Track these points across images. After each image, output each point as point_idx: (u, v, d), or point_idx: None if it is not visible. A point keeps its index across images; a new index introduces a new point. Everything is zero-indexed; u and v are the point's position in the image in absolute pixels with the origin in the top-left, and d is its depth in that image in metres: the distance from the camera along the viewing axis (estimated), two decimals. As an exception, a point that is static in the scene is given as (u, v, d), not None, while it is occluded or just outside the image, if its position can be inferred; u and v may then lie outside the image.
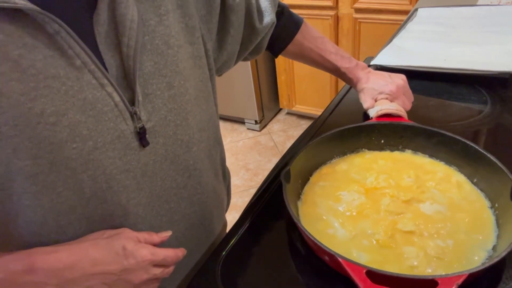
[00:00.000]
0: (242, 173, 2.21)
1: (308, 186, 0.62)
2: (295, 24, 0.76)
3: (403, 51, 1.00)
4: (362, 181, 0.61)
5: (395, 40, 1.07)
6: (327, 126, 0.80)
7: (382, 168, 0.64)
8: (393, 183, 0.60)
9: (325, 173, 0.64)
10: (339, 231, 0.54)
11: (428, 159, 0.65)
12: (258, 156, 2.34)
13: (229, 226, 0.62)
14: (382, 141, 0.68)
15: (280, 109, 2.74)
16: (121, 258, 0.46)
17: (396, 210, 0.56)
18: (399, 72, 0.76)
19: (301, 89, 2.39)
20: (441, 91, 0.87)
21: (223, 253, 0.55)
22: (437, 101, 0.84)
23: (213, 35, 0.59)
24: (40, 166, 0.41)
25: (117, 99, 0.44)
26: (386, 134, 0.67)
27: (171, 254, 0.50)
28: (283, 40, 0.76)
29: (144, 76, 0.47)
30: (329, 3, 1.97)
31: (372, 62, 0.97)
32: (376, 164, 0.65)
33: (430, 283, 0.41)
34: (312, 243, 0.48)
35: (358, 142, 0.68)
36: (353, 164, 0.65)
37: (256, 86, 2.36)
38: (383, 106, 0.70)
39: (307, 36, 0.77)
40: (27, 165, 0.40)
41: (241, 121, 2.62)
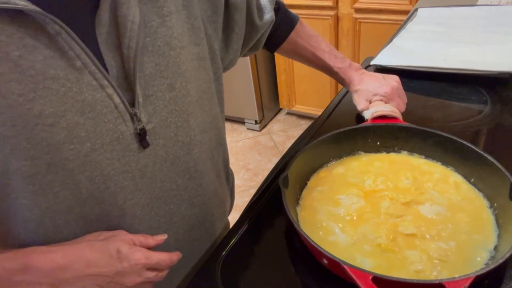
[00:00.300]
0: (242, 173, 2.21)
1: (306, 191, 0.62)
2: (291, 22, 0.76)
3: (403, 51, 1.00)
4: (360, 184, 0.61)
5: (395, 40, 1.07)
6: (327, 126, 0.80)
7: (379, 170, 0.64)
8: (391, 185, 0.60)
9: (323, 177, 0.64)
10: (340, 237, 0.53)
11: (424, 160, 0.65)
12: (258, 156, 2.34)
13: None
14: (378, 143, 0.68)
15: (280, 109, 2.74)
16: (115, 261, 0.46)
17: (396, 213, 0.55)
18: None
19: (301, 89, 2.39)
20: (441, 91, 0.87)
21: (223, 253, 0.55)
22: (437, 101, 0.84)
23: (219, 35, 0.59)
24: (38, 167, 0.41)
25: (117, 101, 0.44)
26: (382, 136, 0.67)
27: (165, 258, 0.50)
28: (279, 37, 0.76)
29: (145, 78, 0.46)
30: (329, 3, 1.97)
31: (372, 62, 0.97)
32: (373, 166, 0.65)
33: (438, 288, 0.41)
34: (316, 250, 0.48)
35: (354, 145, 0.67)
36: (350, 167, 0.65)
37: (256, 86, 2.36)
38: (378, 108, 0.70)
39: (302, 34, 0.77)
40: (25, 166, 0.40)
41: (241, 121, 2.62)
